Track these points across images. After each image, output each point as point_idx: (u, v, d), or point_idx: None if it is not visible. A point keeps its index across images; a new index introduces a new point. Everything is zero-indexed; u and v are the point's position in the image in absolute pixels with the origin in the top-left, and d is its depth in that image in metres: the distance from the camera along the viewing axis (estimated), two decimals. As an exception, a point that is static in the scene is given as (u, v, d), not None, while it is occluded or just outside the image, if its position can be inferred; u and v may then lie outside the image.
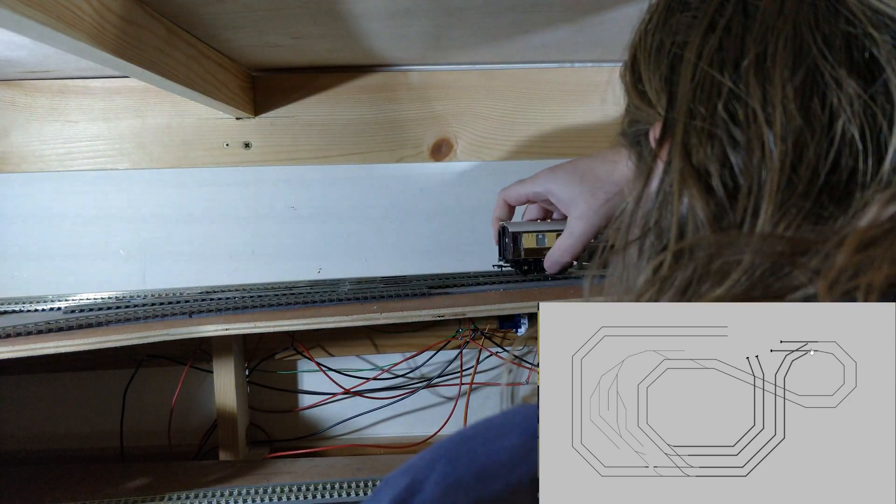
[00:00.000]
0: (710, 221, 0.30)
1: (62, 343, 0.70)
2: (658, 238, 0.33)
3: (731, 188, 0.30)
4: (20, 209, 1.00)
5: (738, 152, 0.30)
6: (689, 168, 0.31)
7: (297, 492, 0.81)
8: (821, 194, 0.29)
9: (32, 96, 0.97)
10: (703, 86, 0.32)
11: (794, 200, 0.29)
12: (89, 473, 0.90)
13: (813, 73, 0.29)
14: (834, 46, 0.29)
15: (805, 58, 0.30)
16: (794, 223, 0.29)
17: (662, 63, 0.35)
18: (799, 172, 0.29)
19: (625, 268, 0.35)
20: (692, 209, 0.31)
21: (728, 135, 0.31)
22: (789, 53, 0.30)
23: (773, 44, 0.30)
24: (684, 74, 0.33)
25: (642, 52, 0.37)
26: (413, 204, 1.04)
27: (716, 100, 0.31)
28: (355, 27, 0.75)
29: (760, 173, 0.30)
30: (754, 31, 0.31)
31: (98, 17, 0.53)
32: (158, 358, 0.97)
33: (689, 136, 0.32)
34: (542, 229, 0.90)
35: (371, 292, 0.87)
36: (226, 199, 1.02)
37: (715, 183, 0.30)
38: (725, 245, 0.28)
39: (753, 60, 0.30)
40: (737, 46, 0.31)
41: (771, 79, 0.30)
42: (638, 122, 0.38)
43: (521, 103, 1.02)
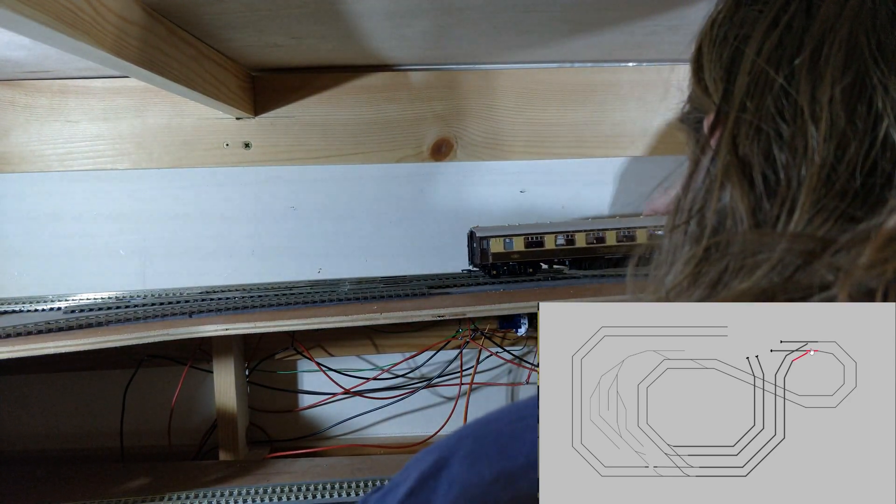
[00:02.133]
0: (748, 213, 0.31)
1: (62, 343, 0.70)
2: (699, 225, 0.33)
3: (773, 182, 0.31)
4: (20, 209, 1.00)
5: (782, 148, 0.31)
6: (734, 159, 0.32)
7: (297, 492, 0.81)
8: (856, 196, 0.29)
9: (32, 96, 0.97)
10: (758, 81, 0.32)
11: (831, 200, 0.29)
12: (89, 473, 0.90)
13: (863, 76, 0.30)
14: (887, 53, 0.30)
15: (857, 61, 0.30)
16: (829, 222, 0.29)
17: (724, 55, 0.35)
18: (838, 172, 0.30)
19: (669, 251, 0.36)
20: (733, 200, 0.31)
21: (775, 130, 0.31)
22: (842, 55, 0.30)
23: (828, 44, 0.31)
24: (743, 68, 0.33)
25: (707, 43, 0.37)
26: (413, 204, 1.04)
27: (767, 95, 0.32)
28: (355, 27, 0.75)
29: (801, 170, 0.30)
30: (813, 31, 0.32)
31: (98, 17, 0.53)
32: (158, 358, 0.97)
33: (739, 128, 0.32)
34: (509, 234, 0.90)
35: (371, 292, 0.87)
36: (226, 199, 1.02)
37: (756, 176, 0.31)
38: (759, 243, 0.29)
39: (807, 59, 0.31)
40: (794, 44, 0.32)
41: (821, 78, 0.30)
42: (696, 109, 0.38)
43: (521, 103, 1.02)
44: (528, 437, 0.29)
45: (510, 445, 0.29)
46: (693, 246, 0.33)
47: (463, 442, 0.30)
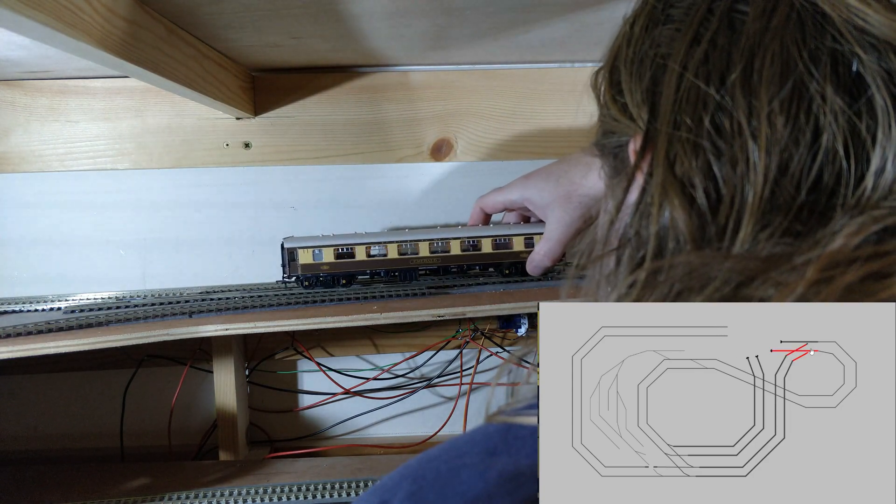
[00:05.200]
0: (691, 233, 0.30)
1: (62, 343, 0.70)
2: (636, 249, 0.32)
3: (714, 200, 0.30)
4: (20, 209, 1.00)
5: (721, 164, 0.30)
6: (671, 179, 0.31)
7: (297, 492, 0.81)
8: (802, 209, 0.29)
9: (32, 96, 0.97)
10: (689, 97, 0.32)
11: (776, 214, 0.29)
12: (89, 473, 0.90)
13: (799, 87, 0.29)
14: (820, 62, 0.30)
15: (792, 72, 0.30)
16: (774, 237, 0.29)
17: (645, 75, 0.35)
18: (782, 186, 0.29)
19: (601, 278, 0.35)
20: (673, 221, 0.31)
21: (713, 146, 0.31)
22: (776, 68, 0.30)
23: (759, 58, 0.30)
24: (668, 85, 0.32)
25: (623, 64, 0.36)
26: (413, 204, 1.04)
27: (701, 111, 0.31)
28: (355, 27, 0.75)
29: (744, 186, 0.30)
30: (741, 46, 0.31)
31: (98, 16, 0.53)
32: (158, 358, 0.97)
33: (672, 147, 0.32)
34: (319, 244, 0.88)
35: (371, 292, 0.87)
36: (226, 200, 1.02)
37: (698, 195, 0.30)
38: (703, 265, 0.28)
39: (740, 74, 0.30)
40: (723, 60, 0.31)
41: (757, 92, 0.30)
42: (614, 133, 0.38)
43: (521, 103, 1.02)
44: (465, 476, 0.28)
45: (448, 485, 0.28)
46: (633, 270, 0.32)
47: (403, 483, 0.29)
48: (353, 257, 0.90)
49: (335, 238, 0.90)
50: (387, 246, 0.90)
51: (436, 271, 0.92)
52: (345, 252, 0.90)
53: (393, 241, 0.90)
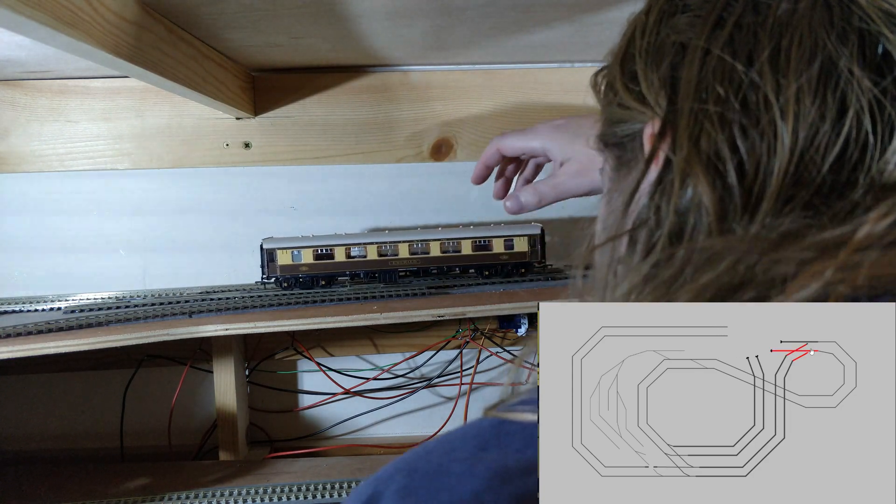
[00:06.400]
0: (714, 208, 0.30)
1: (62, 343, 0.70)
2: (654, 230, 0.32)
3: (739, 174, 0.31)
4: (20, 209, 1.00)
5: (747, 139, 0.31)
6: (695, 154, 0.31)
7: (297, 492, 0.81)
8: (824, 183, 0.29)
9: (32, 96, 0.97)
10: (714, 74, 0.32)
11: (799, 188, 0.29)
12: (89, 473, 0.90)
13: (827, 65, 0.30)
14: (848, 42, 0.30)
15: (820, 51, 0.30)
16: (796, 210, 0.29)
17: (663, 62, 0.35)
18: (806, 160, 0.29)
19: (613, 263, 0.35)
20: (696, 196, 0.31)
21: (739, 121, 0.31)
22: (805, 48, 0.30)
23: (787, 38, 0.31)
24: (689, 65, 0.33)
25: (639, 52, 0.36)
26: (413, 204, 1.04)
27: (727, 87, 0.31)
28: (355, 27, 0.75)
29: (770, 160, 0.30)
30: (768, 27, 0.31)
31: (98, 16, 0.53)
32: (158, 358, 0.97)
33: (697, 123, 0.32)
34: (298, 245, 0.88)
35: (371, 292, 0.87)
36: (226, 200, 1.02)
37: (726, 167, 0.31)
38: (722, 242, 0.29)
39: (768, 54, 0.31)
40: (749, 40, 0.32)
41: (785, 71, 0.30)
42: (624, 121, 0.37)
43: (521, 104, 1.02)
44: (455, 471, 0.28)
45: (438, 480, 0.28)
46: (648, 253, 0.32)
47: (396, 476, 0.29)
48: (332, 258, 0.90)
49: (314, 239, 0.90)
50: (366, 247, 0.90)
51: (416, 272, 0.92)
52: (324, 253, 0.90)
53: (372, 242, 0.90)
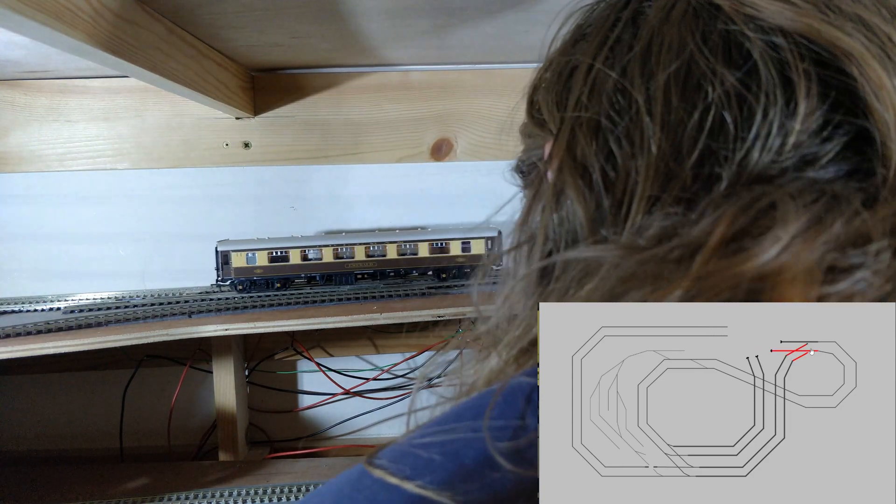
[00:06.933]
0: (586, 215, 0.31)
1: (62, 343, 0.70)
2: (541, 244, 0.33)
3: (611, 178, 0.31)
4: (19, 209, 1.00)
5: (620, 143, 0.31)
6: (570, 164, 0.32)
7: (297, 492, 0.81)
8: (694, 181, 0.30)
9: (32, 96, 0.97)
10: (594, 86, 0.33)
11: (668, 187, 0.30)
12: (89, 473, 0.90)
13: (689, 63, 0.31)
14: (710, 42, 0.31)
15: (683, 52, 0.31)
16: (664, 207, 0.29)
17: (560, 84, 0.36)
18: (672, 156, 0.30)
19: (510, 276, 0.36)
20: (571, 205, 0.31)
21: (610, 124, 0.32)
22: (672, 51, 0.31)
23: (656, 44, 0.32)
24: (576, 82, 0.34)
25: (542, 83, 0.38)
26: (413, 204, 1.04)
27: (602, 95, 0.32)
28: (355, 27, 0.75)
29: (638, 161, 0.30)
30: (640, 35, 0.33)
31: (97, 16, 0.53)
32: (158, 358, 0.97)
33: (574, 133, 0.33)
34: (252, 248, 0.89)
35: (371, 292, 0.87)
36: (225, 199, 1.02)
37: (595, 175, 0.31)
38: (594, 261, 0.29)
39: (638, 56, 0.32)
40: (624, 50, 0.33)
41: (653, 73, 0.31)
42: (530, 149, 0.39)
43: (521, 103, 1.02)
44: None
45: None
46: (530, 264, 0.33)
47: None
48: (287, 261, 0.90)
49: (270, 241, 0.90)
50: (322, 250, 0.90)
51: (373, 275, 0.92)
52: (279, 255, 0.90)
53: (329, 244, 0.90)
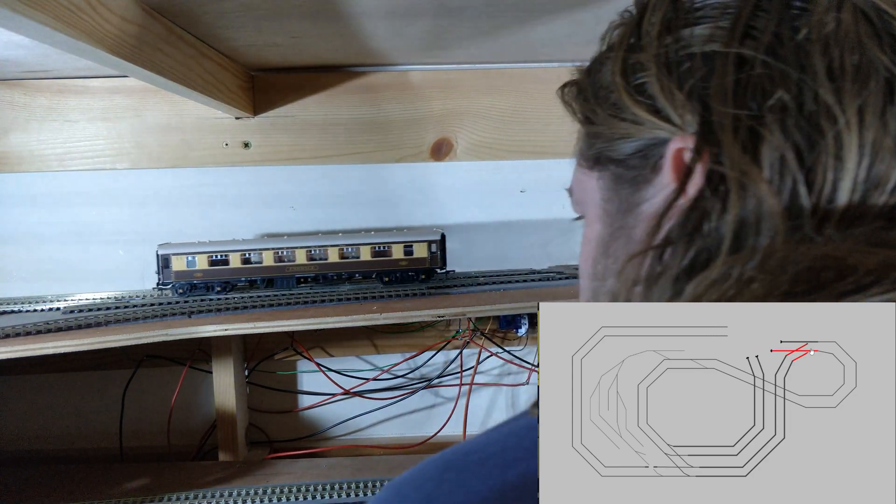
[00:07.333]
0: (781, 216, 0.29)
1: (62, 343, 0.70)
2: (708, 243, 0.30)
3: (803, 181, 0.29)
4: (19, 209, 1.00)
5: (813, 149, 0.29)
6: (752, 164, 0.30)
7: (297, 492, 0.81)
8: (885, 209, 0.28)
9: (31, 96, 0.97)
10: (760, 81, 0.31)
11: (868, 201, 0.28)
12: (89, 473, 0.90)
13: (887, 78, 0.29)
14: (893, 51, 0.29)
15: (877, 64, 0.29)
16: (866, 223, 0.28)
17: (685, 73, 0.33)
18: (872, 179, 0.28)
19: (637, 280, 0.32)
20: (758, 206, 0.29)
21: (804, 131, 0.29)
22: (863, 61, 0.29)
23: (837, 50, 0.30)
24: (722, 74, 0.31)
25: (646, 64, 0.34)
26: (413, 204, 1.04)
27: (781, 90, 0.30)
28: (355, 27, 0.75)
29: (836, 167, 0.29)
30: (816, 38, 0.30)
31: (98, 16, 0.53)
32: (157, 358, 0.97)
33: (738, 133, 0.30)
34: (192, 251, 0.89)
35: (371, 292, 0.87)
36: (224, 199, 1.02)
37: (788, 176, 0.29)
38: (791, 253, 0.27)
39: (822, 64, 0.29)
40: (793, 50, 0.30)
41: (842, 83, 0.29)
42: (629, 136, 0.36)
43: (521, 103, 1.02)
44: (484, 473, 0.30)
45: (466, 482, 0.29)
46: (693, 266, 0.30)
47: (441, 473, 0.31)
48: (227, 264, 0.90)
49: (210, 245, 0.90)
50: (262, 253, 0.90)
51: (315, 279, 0.91)
52: (219, 259, 0.89)
53: (269, 248, 0.90)
